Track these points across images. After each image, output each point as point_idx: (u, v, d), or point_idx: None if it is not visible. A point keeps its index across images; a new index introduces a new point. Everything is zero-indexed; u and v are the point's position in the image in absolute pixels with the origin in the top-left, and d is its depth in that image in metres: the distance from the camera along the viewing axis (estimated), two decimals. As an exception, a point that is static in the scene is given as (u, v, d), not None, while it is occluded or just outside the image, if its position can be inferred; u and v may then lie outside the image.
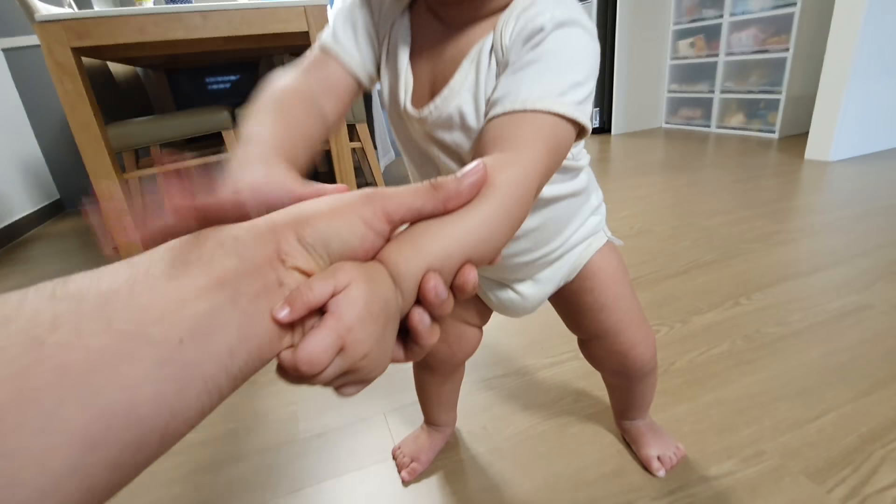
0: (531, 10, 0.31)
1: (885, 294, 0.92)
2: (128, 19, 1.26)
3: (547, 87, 0.28)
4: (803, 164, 1.85)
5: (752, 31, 2.33)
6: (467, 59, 0.34)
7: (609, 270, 0.48)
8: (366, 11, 0.37)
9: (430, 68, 0.36)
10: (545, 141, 0.28)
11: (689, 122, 2.84)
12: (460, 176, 0.22)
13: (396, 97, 0.37)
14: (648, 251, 1.21)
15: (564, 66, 0.30)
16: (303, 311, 0.17)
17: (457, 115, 0.34)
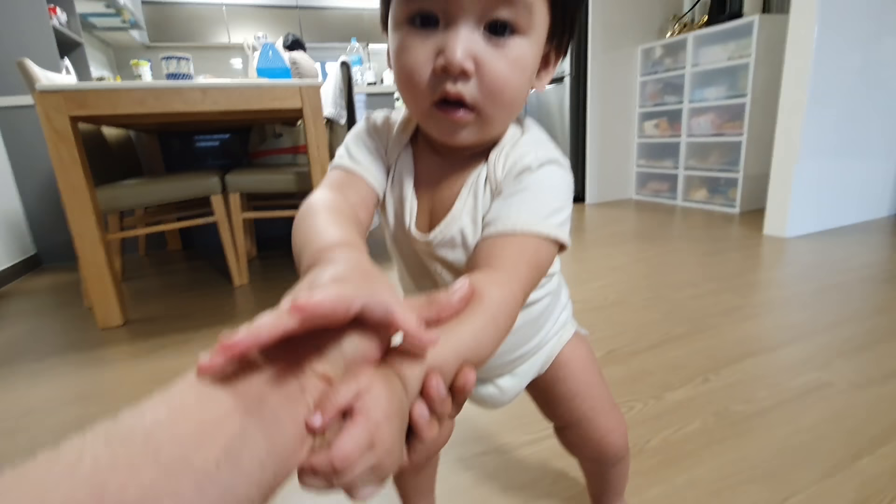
0: (518, 149, 0.38)
1: (843, 371, 0.97)
2: (128, 92, 1.32)
3: (532, 213, 0.34)
4: (763, 239, 1.98)
5: (710, 117, 2.56)
6: (465, 188, 0.39)
7: (579, 360, 0.52)
8: (377, 142, 0.42)
9: (431, 195, 0.41)
10: (528, 260, 0.33)
11: (657, 195, 3.02)
12: (451, 292, 0.25)
13: (402, 220, 0.42)
14: (622, 323, 1.26)
15: (546, 195, 0.36)
16: (333, 415, 0.19)
17: (459, 237, 0.39)
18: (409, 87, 0.34)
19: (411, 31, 0.33)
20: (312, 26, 4.82)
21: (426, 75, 0.33)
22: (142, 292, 1.79)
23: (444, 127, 0.35)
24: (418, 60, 0.33)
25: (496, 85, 0.33)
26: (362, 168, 0.41)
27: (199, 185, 1.65)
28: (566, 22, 0.36)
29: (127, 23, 3.38)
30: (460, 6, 0.31)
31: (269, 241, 2.54)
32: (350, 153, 0.42)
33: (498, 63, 0.33)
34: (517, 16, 0.32)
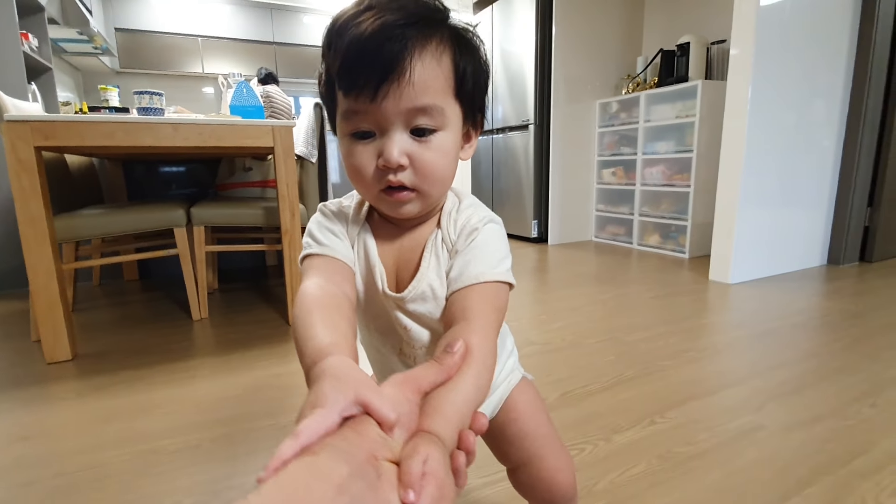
0: (463, 213, 0.48)
1: (775, 415, 1.05)
2: (97, 125, 1.32)
3: (486, 265, 0.44)
4: (709, 285, 2.12)
5: (661, 168, 2.75)
6: (427, 250, 0.47)
7: (528, 402, 0.57)
8: (339, 226, 0.49)
9: (395, 260, 0.49)
10: (492, 303, 0.42)
11: (614, 238, 3.18)
12: (453, 352, 0.33)
13: (373, 285, 0.48)
14: (577, 365, 1.32)
15: (493, 249, 0.46)
16: (420, 486, 0.24)
17: (429, 291, 0.46)
18: (361, 181, 0.43)
19: (354, 141, 0.42)
20: (287, 62, 4.91)
21: (371, 172, 0.42)
22: (94, 324, 1.72)
23: (392, 206, 0.44)
24: (364, 162, 0.42)
25: (427, 170, 0.42)
26: (333, 251, 0.46)
27: (163, 216, 1.63)
28: (475, 107, 0.46)
29: (98, 49, 3.36)
30: (387, 120, 0.40)
31: (231, 272, 2.50)
32: (318, 241, 0.47)
33: (425, 154, 0.42)
34: (433, 119, 0.41)
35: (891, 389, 1.14)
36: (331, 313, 0.38)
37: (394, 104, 0.39)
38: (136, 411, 1.10)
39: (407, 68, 0.38)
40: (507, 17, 3.26)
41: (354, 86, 0.39)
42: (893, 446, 0.93)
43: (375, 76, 0.38)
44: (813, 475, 0.85)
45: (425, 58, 0.39)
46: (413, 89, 0.38)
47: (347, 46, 0.38)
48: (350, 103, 0.40)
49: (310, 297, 0.40)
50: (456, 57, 0.41)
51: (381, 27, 0.37)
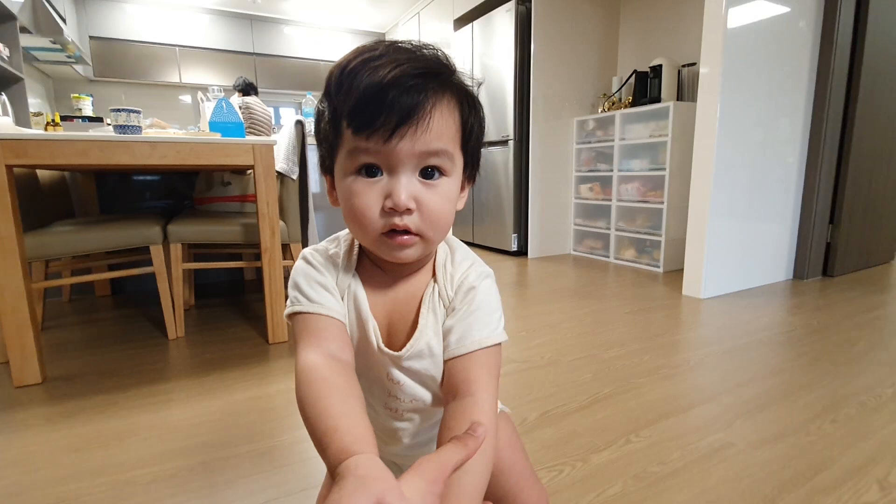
0: (459, 267, 0.48)
1: (743, 432, 1.10)
2: (71, 143, 1.30)
3: (487, 329, 0.45)
4: (682, 300, 2.18)
5: (636, 185, 2.83)
6: (424, 306, 0.47)
7: (504, 439, 0.58)
8: (328, 277, 0.47)
9: (388, 314, 0.48)
10: (490, 369, 0.44)
11: (592, 252, 3.25)
12: (477, 435, 0.36)
13: (366, 340, 0.47)
14: (556, 383, 1.34)
15: (491, 309, 0.47)
16: None
17: (426, 349, 0.46)
18: (362, 223, 0.42)
19: (359, 179, 0.41)
20: (268, 73, 4.88)
21: (376, 213, 0.41)
22: (64, 344, 1.67)
23: (394, 249, 0.43)
24: (369, 203, 0.41)
25: (434, 216, 0.42)
26: (328, 309, 0.45)
27: (138, 234, 1.61)
28: (474, 160, 0.47)
29: (72, 57, 3.29)
30: (400, 161, 0.40)
31: (208, 287, 2.46)
32: (309, 297, 0.45)
33: (433, 199, 0.42)
34: (443, 163, 0.42)
35: (849, 405, 1.20)
36: (346, 397, 0.38)
37: (409, 147, 0.39)
38: (109, 438, 1.08)
39: (427, 116, 0.39)
40: (488, 36, 3.32)
41: (369, 125, 0.39)
42: (852, 462, 0.97)
43: (393, 121, 0.38)
44: (777, 492, 0.89)
45: (442, 108, 0.40)
46: (429, 135, 0.40)
47: (365, 88, 0.38)
48: (360, 142, 0.40)
49: (319, 377, 0.39)
50: (464, 111, 0.43)
51: (403, 74, 0.38)
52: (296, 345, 0.44)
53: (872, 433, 1.08)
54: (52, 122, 2.80)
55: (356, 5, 4.74)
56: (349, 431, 0.35)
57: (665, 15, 3.02)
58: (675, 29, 2.95)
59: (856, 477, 0.93)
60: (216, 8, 4.53)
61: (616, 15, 3.33)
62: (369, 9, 4.87)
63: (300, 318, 0.45)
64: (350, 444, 0.33)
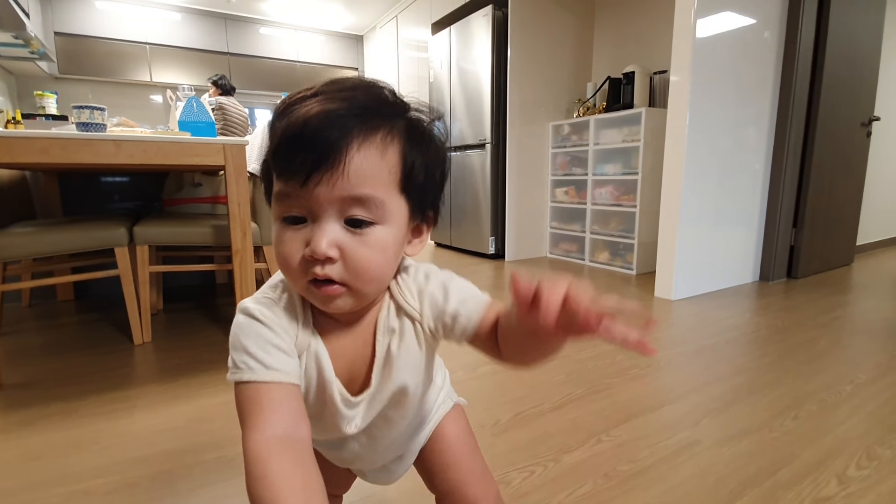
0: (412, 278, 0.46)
1: (710, 429, 1.12)
2: (31, 141, 1.25)
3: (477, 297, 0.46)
4: (654, 301, 2.23)
5: (609, 189, 2.88)
6: (379, 332, 0.45)
7: (457, 434, 0.58)
8: (285, 339, 0.42)
9: (348, 364, 0.45)
10: None
11: (567, 255, 3.29)
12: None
13: (328, 398, 0.45)
14: (531, 385, 1.35)
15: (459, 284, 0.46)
16: None
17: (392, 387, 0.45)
18: (288, 270, 0.40)
19: (285, 226, 0.39)
20: (243, 73, 4.81)
21: (298, 261, 0.39)
22: (22, 351, 1.60)
23: (322, 300, 0.40)
24: (292, 251, 0.39)
25: (360, 266, 0.39)
26: (282, 374, 0.40)
27: (102, 235, 1.55)
28: (426, 202, 0.44)
29: (35, 53, 3.17)
30: (322, 208, 0.37)
31: (178, 291, 2.40)
32: (262, 362, 0.39)
33: (359, 249, 0.39)
34: (370, 212, 0.38)
35: (810, 402, 1.24)
36: (307, 496, 0.34)
37: (326, 191, 0.37)
38: (67, 447, 1.03)
39: (342, 158, 0.36)
40: (465, 40, 3.35)
41: (287, 169, 0.37)
42: (813, 457, 1.01)
43: (308, 162, 0.36)
44: (742, 488, 0.91)
45: (367, 149, 0.37)
46: (348, 179, 0.37)
47: (285, 128, 0.37)
48: (282, 185, 0.38)
49: (275, 471, 0.34)
50: (405, 149, 0.40)
51: (323, 114, 0.36)
52: (242, 421, 0.38)
53: (832, 429, 1.12)
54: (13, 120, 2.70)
55: (333, 7, 4.71)
56: None
57: (638, 23, 3.09)
58: (647, 37, 3.03)
59: (816, 472, 0.96)
60: (189, 6, 4.44)
61: (590, 22, 3.39)
62: (346, 11, 4.85)
63: (249, 388, 0.38)
64: None
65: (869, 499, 0.87)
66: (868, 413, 1.19)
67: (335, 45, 5.40)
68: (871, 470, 0.96)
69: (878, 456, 1.00)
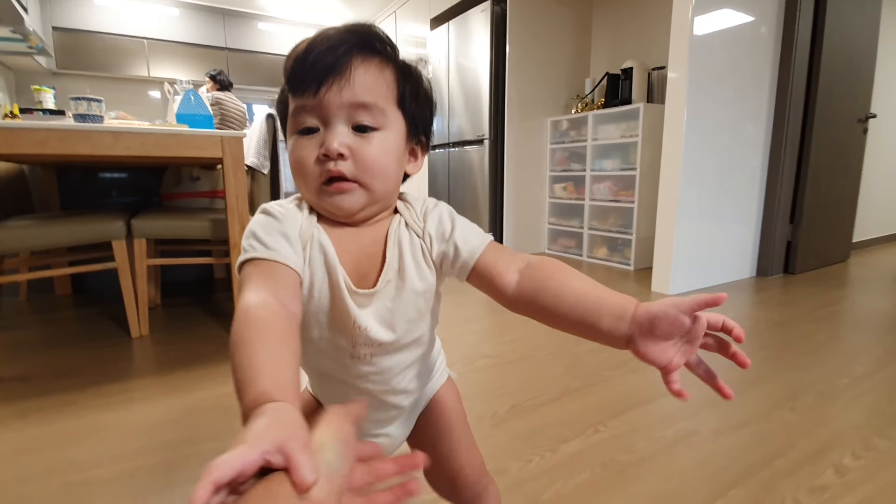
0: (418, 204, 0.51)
1: (708, 420, 1.12)
2: (29, 132, 1.24)
3: (477, 237, 0.49)
4: (651, 296, 2.23)
5: (608, 185, 2.88)
6: (390, 241, 0.48)
7: (449, 403, 0.60)
8: (289, 227, 0.45)
9: (355, 258, 0.47)
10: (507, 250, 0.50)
11: (566, 250, 3.29)
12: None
13: (336, 288, 0.45)
14: (528, 377, 1.35)
15: (465, 222, 0.50)
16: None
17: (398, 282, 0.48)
18: (302, 173, 0.45)
19: (300, 137, 0.45)
20: (241, 68, 4.79)
21: (312, 163, 0.44)
22: (20, 344, 1.60)
23: (334, 199, 0.45)
24: (307, 154, 0.44)
25: (367, 162, 0.44)
26: (284, 257, 0.42)
27: (100, 229, 1.55)
28: (419, 128, 0.50)
29: (33, 48, 3.15)
30: (332, 114, 0.43)
31: (175, 285, 2.39)
32: (265, 243, 0.42)
33: (366, 147, 0.44)
34: (374, 118, 0.44)
35: (807, 394, 1.25)
36: (278, 345, 0.35)
37: (336, 97, 0.42)
38: (65, 439, 1.03)
39: (349, 67, 0.42)
40: (464, 35, 3.34)
41: (302, 82, 0.43)
42: (809, 447, 1.01)
43: (320, 71, 0.42)
44: (739, 477, 0.92)
45: (367, 66, 0.44)
46: (353, 87, 0.43)
47: (298, 54, 0.43)
48: (297, 101, 0.44)
49: (258, 317, 0.36)
50: (398, 76, 0.46)
51: (329, 39, 0.43)
52: (241, 290, 0.40)
53: (829, 420, 1.12)
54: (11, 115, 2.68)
55: (331, 3, 4.70)
56: (273, 377, 0.32)
57: (636, 19, 3.09)
58: (645, 33, 3.02)
59: (813, 461, 0.96)
60: (187, 1, 4.42)
61: (588, 18, 3.39)
62: (344, 7, 4.83)
63: (251, 264, 0.42)
64: (270, 389, 0.31)
65: (866, 488, 0.88)
66: (865, 405, 1.19)
67: (333, 41, 5.37)
68: (868, 460, 0.96)
69: (875, 446, 1.01)
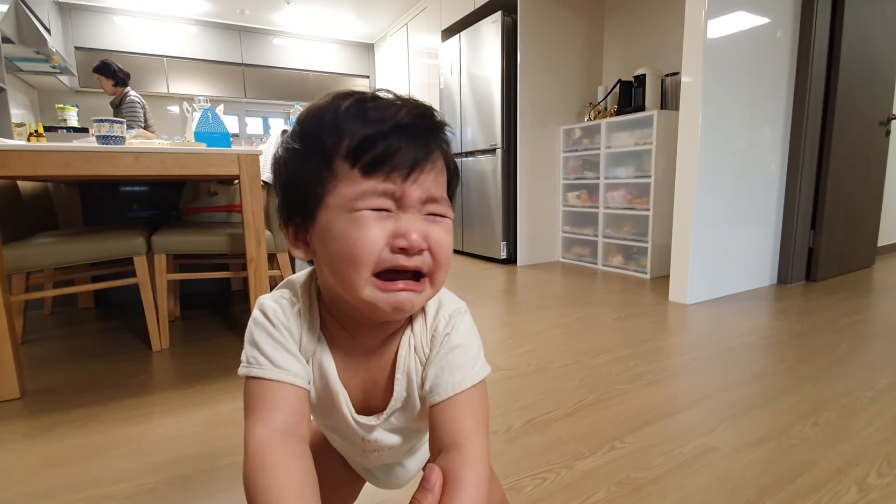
0: (432, 312, 0.45)
1: (727, 436, 1.10)
2: (53, 154, 1.29)
3: (464, 371, 0.42)
4: (668, 306, 2.20)
5: (622, 192, 2.86)
6: (399, 370, 0.44)
7: None
8: (290, 337, 0.42)
9: (361, 379, 0.45)
10: (476, 412, 0.41)
11: (580, 259, 3.27)
12: (430, 488, 0.34)
13: (338, 411, 0.44)
14: (542, 390, 1.34)
15: (468, 349, 0.43)
16: None
17: (406, 410, 0.45)
18: (360, 260, 0.36)
19: (365, 216, 0.36)
20: (256, 83, 4.89)
21: (378, 252, 0.37)
22: (44, 358, 1.65)
23: (400, 297, 0.38)
24: (374, 238, 0.36)
25: (443, 254, 0.39)
26: (290, 375, 0.40)
27: (122, 245, 1.59)
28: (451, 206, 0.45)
29: (56, 68, 3.27)
30: (411, 204, 0.38)
31: (194, 298, 2.44)
32: (269, 358, 0.40)
33: (442, 235, 0.40)
34: (443, 208, 0.40)
35: (830, 409, 1.21)
36: (301, 491, 0.34)
37: (417, 190, 0.38)
38: (87, 453, 1.06)
39: (437, 160, 0.39)
40: (475, 46, 3.36)
41: (382, 166, 0.36)
42: (832, 464, 0.98)
43: (408, 163, 0.37)
44: (759, 496, 0.90)
45: (438, 156, 0.40)
46: (434, 179, 0.39)
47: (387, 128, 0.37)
48: (370, 182, 0.37)
49: (273, 461, 0.35)
50: (448, 160, 0.42)
51: (417, 119, 0.38)
52: (246, 413, 0.39)
53: (852, 436, 1.09)
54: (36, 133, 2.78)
55: (344, 16, 4.78)
56: None
57: (648, 25, 3.07)
58: (657, 39, 3.01)
59: (835, 479, 0.93)
60: (205, 19, 4.54)
61: (600, 25, 3.39)
62: (357, 20, 4.91)
63: (257, 384, 0.40)
64: None
65: (892, 508, 0.85)
66: (889, 419, 1.16)
67: (347, 54, 5.47)
68: (893, 477, 0.93)
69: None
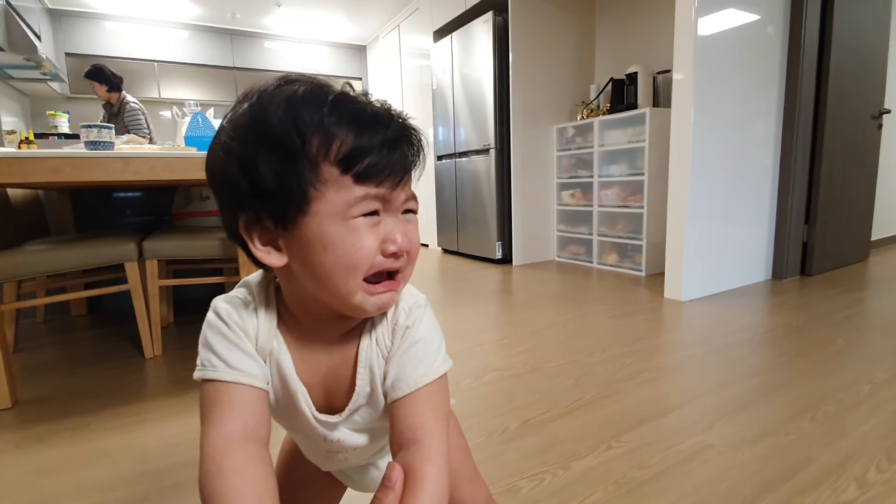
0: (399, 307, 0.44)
1: (724, 433, 1.10)
2: (42, 161, 1.27)
3: (425, 366, 0.42)
4: (664, 303, 2.20)
5: (616, 190, 2.86)
6: (361, 364, 0.43)
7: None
8: (246, 338, 0.41)
9: (322, 376, 0.44)
10: (436, 407, 0.40)
11: (575, 257, 3.27)
12: (392, 486, 0.33)
13: (297, 410, 0.43)
14: (538, 390, 1.34)
15: (428, 343, 0.43)
16: None
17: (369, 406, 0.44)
18: (360, 267, 0.37)
19: (361, 224, 0.37)
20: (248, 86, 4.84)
21: (372, 257, 0.37)
22: (37, 366, 1.63)
23: (383, 298, 0.39)
24: (373, 248, 0.37)
25: (415, 251, 0.41)
26: (246, 376, 0.39)
27: (113, 251, 1.58)
28: None
29: (47, 74, 3.24)
30: (395, 206, 0.39)
31: (187, 303, 2.42)
32: (224, 360, 0.39)
33: (414, 234, 0.41)
34: (415, 203, 0.41)
35: (827, 404, 1.21)
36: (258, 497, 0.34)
37: (402, 193, 0.39)
38: (80, 462, 1.04)
39: (422, 161, 0.40)
40: (467, 47, 3.36)
41: (379, 175, 0.36)
42: (830, 461, 0.98)
43: (399, 171, 0.38)
44: (757, 493, 0.89)
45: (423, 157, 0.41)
46: (413, 181, 0.41)
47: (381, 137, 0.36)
48: (365, 188, 0.36)
49: (230, 467, 0.34)
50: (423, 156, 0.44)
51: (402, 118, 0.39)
52: (202, 418, 0.38)
53: (850, 431, 1.09)
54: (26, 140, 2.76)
55: (336, 19, 4.77)
56: None
57: (639, 23, 3.08)
58: (649, 37, 3.01)
59: (834, 475, 0.93)
60: (196, 23, 4.52)
61: (591, 24, 3.39)
62: (348, 23, 4.90)
63: (212, 387, 0.38)
64: None
65: (890, 503, 0.85)
66: (888, 413, 1.16)
67: (339, 56, 5.46)
68: (892, 473, 0.93)
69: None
